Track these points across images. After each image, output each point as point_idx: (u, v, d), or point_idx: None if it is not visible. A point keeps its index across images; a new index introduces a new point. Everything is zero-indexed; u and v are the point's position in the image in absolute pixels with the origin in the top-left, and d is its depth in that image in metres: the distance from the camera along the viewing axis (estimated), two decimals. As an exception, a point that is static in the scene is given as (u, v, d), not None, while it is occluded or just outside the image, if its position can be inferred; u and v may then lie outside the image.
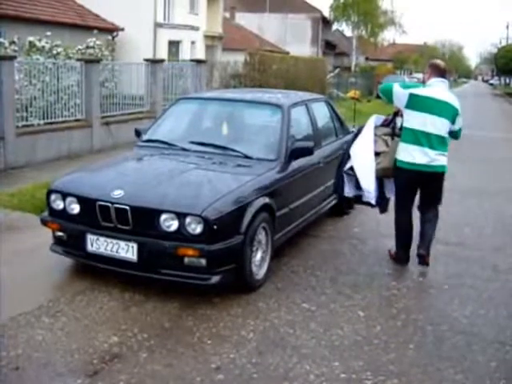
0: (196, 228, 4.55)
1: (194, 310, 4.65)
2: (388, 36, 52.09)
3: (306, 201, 6.04)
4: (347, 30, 45.34)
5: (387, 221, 7.26)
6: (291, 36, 41.89)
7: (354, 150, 5.82)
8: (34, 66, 10.87)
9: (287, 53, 37.72)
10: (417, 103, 5.35)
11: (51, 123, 11.25)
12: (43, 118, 11.03)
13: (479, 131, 18.54)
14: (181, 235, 4.59)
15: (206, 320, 4.47)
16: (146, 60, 14.08)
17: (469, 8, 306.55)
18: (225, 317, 4.54)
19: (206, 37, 32.39)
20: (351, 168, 5.84)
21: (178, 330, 4.31)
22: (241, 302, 4.81)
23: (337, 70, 33.41)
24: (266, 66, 20.13)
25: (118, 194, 4.77)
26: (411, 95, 5.37)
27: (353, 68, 42.19)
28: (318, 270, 5.59)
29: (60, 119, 11.51)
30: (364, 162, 5.69)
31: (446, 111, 5.39)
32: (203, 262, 4.60)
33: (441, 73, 5.56)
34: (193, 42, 29.63)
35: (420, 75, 57.55)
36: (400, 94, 5.45)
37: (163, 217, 4.60)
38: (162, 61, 14.51)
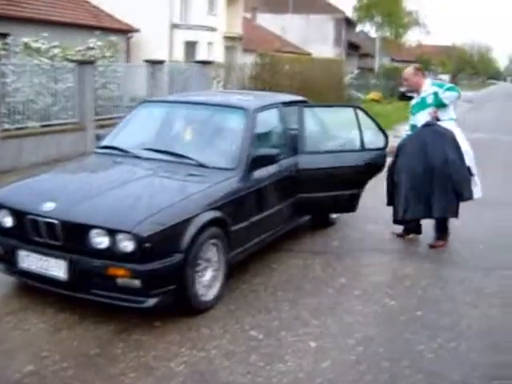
0: (127, 246, 4.10)
1: (129, 334, 4.20)
2: (413, 37, 50.79)
3: (273, 213, 5.52)
4: (372, 31, 44.59)
5: (373, 234, 6.79)
6: (314, 37, 41.24)
7: (464, 151, 6.09)
8: (21, 67, 10.55)
9: (309, 54, 37.18)
10: None
11: (43, 126, 10.96)
12: (35, 121, 10.73)
13: (505, 135, 17.73)
14: (113, 253, 4.15)
15: (137, 347, 4.02)
16: (146, 61, 13.70)
17: (499, 8, 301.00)
18: (159, 344, 4.08)
19: (226, 38, 32.01)
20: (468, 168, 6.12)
21: (102, 359, 3.85)
22: (182, 327, 4.34)
23: (356, 72, 32.73)
24: (278, 68, 19.58)
25: (49, 206, 4.37)
26: None
27: (376, 69, 41.38)
28: (280, 290, 5.07)
29: (52, 122, 11.23)
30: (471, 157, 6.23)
31: None
32: (137, 283, 4.15)
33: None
34: (210, 43, 29.22)
35: (446, 77, 56.58)
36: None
37: (93, 233, 4.16)
38: (162, 62, 14.10)
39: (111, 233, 4.11)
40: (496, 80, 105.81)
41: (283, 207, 5.72)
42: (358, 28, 47.61)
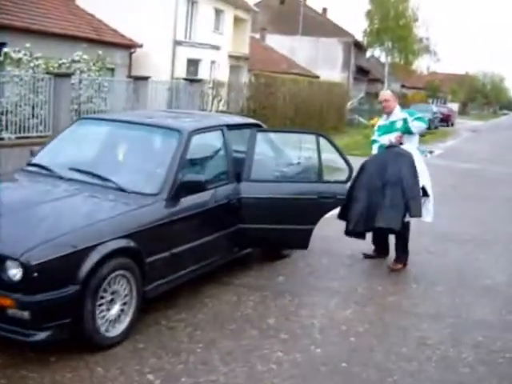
0: (16, 274, 3.78)
1: (17, 370, 3.87)
2: (423, 64, 50.29)
3: (204, 244, 5.12)
4: (382, 56, 44.32)
5: (325, 269, 6.38)
6: (322, 60, 41.01)
7: (420, 171, 6.19)
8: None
9: (317, 76, 36.94)
10: None
11: (19, 138, 10.72)
12: (10, 132, 10.49)
13: (495, 166, 17.28)
14: (2, 281, 3.79)
15: (19, 387, 3.63)
16: (129, 77, 13.43)
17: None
18: (45, 382, 3.72)
19: (231, 57, 31.86)
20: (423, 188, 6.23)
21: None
22: (78, 364, 3.99)
23: (360, 96, 32.41)
24: (273, 89, 19.25)
25: None
26: None
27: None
28: (200, 329, 4.66)
29: (29, 134, 10.99)
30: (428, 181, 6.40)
31: None
32: (26, 314, 3.80)
33: None
34: (213, 62, 29.04)
35: (455, 105, 56.13)
36: None
37: (-18, 258, 3.79)
38: (146, 78, 13.80)
39: (1, 259, 3.76)
40: (508, 110, 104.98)
41: (218, 238, 5.32)
42: (368, 53, 47.36)
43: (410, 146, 6.37)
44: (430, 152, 20.85)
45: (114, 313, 4.26)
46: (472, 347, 4.67)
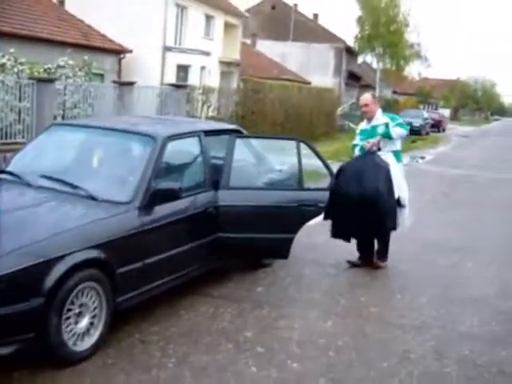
0: (-23, 287, 3.56)
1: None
2: (414, 69, 50.25)
3: (180, 254, 4.94)
4: (374, 62, 44.30)
5: (308, 279, 6.21)
6: (314, 65, 40.86)
7: (396, 181, 6.21)
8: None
9: (308, 82, 36.82)
10: None
11: (2, 144, 10.56)
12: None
13: (486, 172, 17.18)
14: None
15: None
16: (114, 82, 13.25)
17: (505, 44, 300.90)
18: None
19: (222, 63, 31.72)
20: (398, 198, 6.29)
21: None
22: (45, 381, 3.81)
23: (351, 102, 32.35)
24: (261, 95, 19.09)
25: None
26: None
27: (375, 101, 40.76)
28: (173, 343, 4.47)
29: (12, 140, 10.88)
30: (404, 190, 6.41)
31: None
32: (-13, 329, 3.60)
33: None
34: (203, 68, 28.90)
35: (447, 111, 56.16)
36: None
37: None
38: (131, 83, 13.63)
39: None
40: (500, 116, 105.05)
41: (195, 247, 5.14)
42: (360, 58, 47.34)
43: (389, 152, 6.37)
44: (422, 158, 20.78)
45: (82, 326, 4.09)
46: (456, 361, 4.50)
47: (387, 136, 6.29)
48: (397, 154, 6.45)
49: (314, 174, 6.71)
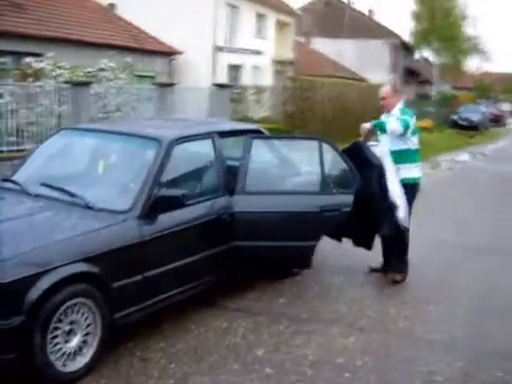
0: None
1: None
2: (473, 63, 48.16)
3: (188, 265, 4.61)
4: (432, 57, 43.06)
5: (335, 290, 5.78)
6: (369, 62, 40.00)
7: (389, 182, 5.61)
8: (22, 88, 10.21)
9: (364, 79, 36.09)
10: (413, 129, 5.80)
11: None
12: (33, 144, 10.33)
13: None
14: None
15: None
16: (154, 84, 13.10)
17: None
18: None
19: (275, 62, 31.41)
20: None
21: None
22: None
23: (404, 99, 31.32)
24: (310, 93, 18.64)
25: None
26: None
27: (433, 96, 39.73)
28: (176, 361, 4.16)
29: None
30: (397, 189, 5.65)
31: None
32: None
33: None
34: (255, 67, 28.64)
35: (507, 105, 53.92)
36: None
37: None
38: (171, 85, 13.45)
39: None
40: None
41: (205, 258, 4.80)
42: (417, 54, 46.07)
43: (385, 147, 5.76)
44: (482, 154, 19.81)
45: (73, 345, 3.82)
46: (488, 385, 4.03)
47: (380, 127, 5.72)
48: (410, 154, 5.84)
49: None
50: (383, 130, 5.73)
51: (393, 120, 5.69)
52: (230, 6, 27.17)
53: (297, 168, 5.61)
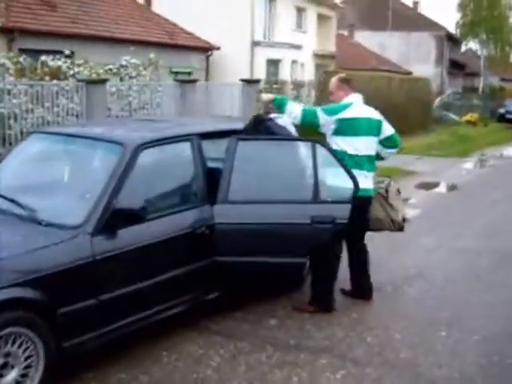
0: None
1: None
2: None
3: (154, 286, 4.09)
4: (478, 49, 41.59)
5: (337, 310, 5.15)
6: (414, 55, 38.92)
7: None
8: (36, 87, 9.95)
9: (409, 73, 35.14)
10: (347, 128, 4.96)
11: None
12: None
13: None
14: None
15: None
16: (176, 80, 12.67)
17: None
18: None
19: (316, 55, 30.71)
20: None
21: None
22: None
23: (449, 92, 30.30)
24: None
25: None
26: (339, 120, 4.95)
27: (480, 89, 38.28)
28: (141, 394, 3.66)
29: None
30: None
31: (372, 128, 5.07)
32: None
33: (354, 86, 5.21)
34: (294, 61, 28.01)
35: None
36: (328, 122, 4.97)
37: None
38: (193, 81, 12.97)
39: None
40: None
41: (177, 276, 4.26)
42: (463, 46, 44.59)
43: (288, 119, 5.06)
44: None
45: (9, 380, 3.36)
46: None
47: (280, 105, 5.02)
48: (347, 160, 4.89)
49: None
50: (281, 108, 5.00)
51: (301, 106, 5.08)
52: (268, 0, 26.64)
53: (287, 173, 4.92)
